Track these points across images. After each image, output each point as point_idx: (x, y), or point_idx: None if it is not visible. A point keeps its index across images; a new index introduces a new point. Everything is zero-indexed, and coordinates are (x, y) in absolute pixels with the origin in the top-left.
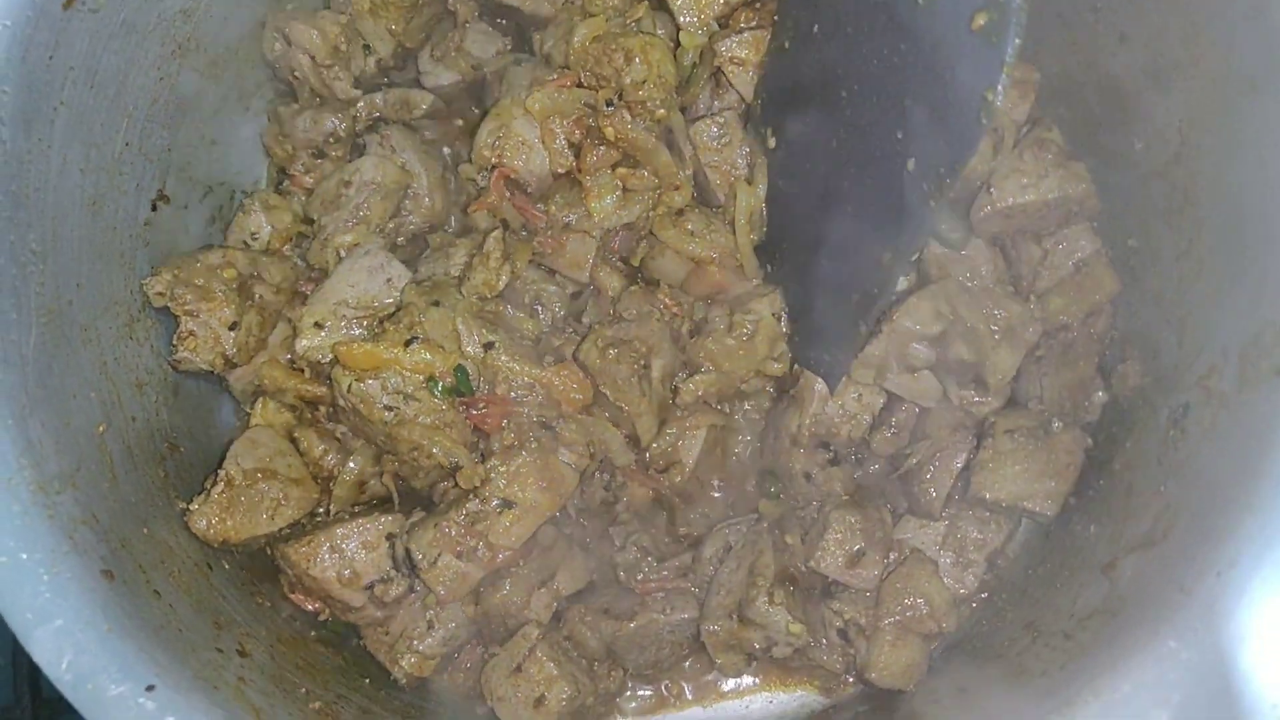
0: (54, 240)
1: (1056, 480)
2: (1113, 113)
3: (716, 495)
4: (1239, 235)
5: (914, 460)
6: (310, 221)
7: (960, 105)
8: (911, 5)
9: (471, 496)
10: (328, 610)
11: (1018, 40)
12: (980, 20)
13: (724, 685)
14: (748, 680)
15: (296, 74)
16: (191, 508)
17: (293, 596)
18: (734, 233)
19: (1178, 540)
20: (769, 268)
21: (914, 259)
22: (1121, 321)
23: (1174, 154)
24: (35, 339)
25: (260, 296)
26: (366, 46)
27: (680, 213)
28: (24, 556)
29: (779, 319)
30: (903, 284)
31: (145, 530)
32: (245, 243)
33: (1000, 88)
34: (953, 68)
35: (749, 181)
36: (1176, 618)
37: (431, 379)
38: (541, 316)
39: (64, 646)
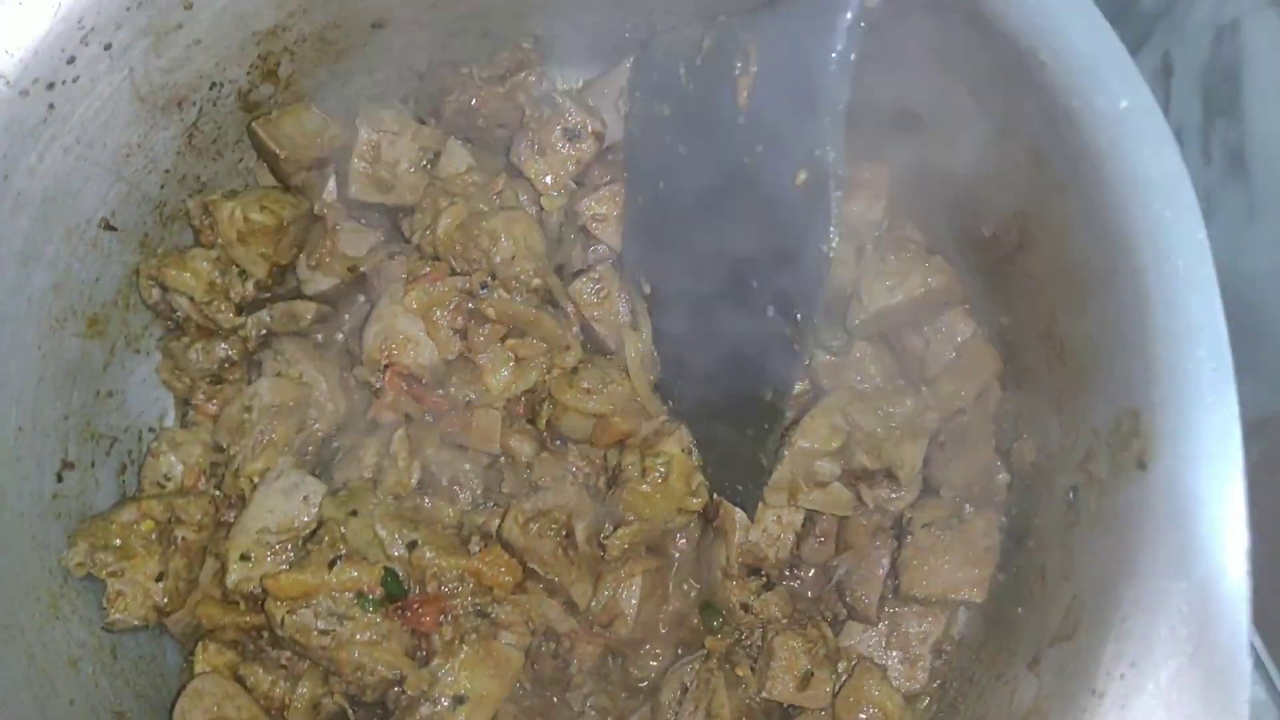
0: None
1: (979, 567)
2: (959, 203)
3: (664, 632)
4: (1086, 322)
5: (841, 570)
6: (221, 449)
7: (801, 254)
8: (740, 164)
9: (423, 700)
10: None
11: (839, 192)
12: (801, 176)
13: None
14: None
15: (178, 314)
16: None
17: None
18: (629, 379)
19: (1085, 636)
20: (670, 404)
21: (793, 394)
22: (1010, 397)
23: (1017, 241)
24: None
25: (182, 539)
26: (242, 273)
27: (575, 370)
28: None
29: (689, 453)
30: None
31: None
32: (160, 484)
33: (834, 240)
34: (785, 221)
35: (634, 328)
36: None
37: (361, 595)
38: (461, 496)
39: None
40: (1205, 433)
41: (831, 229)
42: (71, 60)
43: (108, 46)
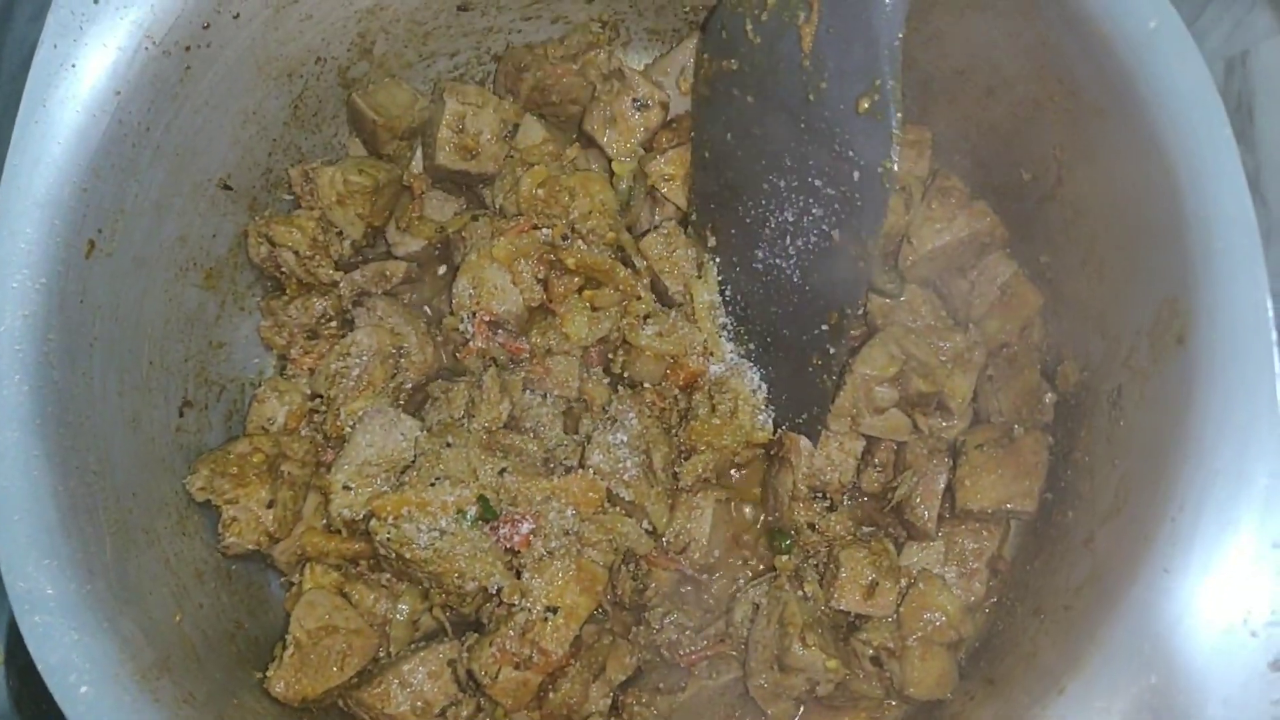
0: (107, 459)
1: (1030, 480)
2: (998, 153)
3: (733, 562)
4: (1124, 235)
5: (901, 491)
6: (318, 397)
7: (865, 177)
8: (804, 101)
9: (517, 610)
10: None
11: (899, 114)
12: (865, 104)
13: None
14: None
15: (283, 269)
16: (269, 675)
17: None
18: (697, 325)
19: (1135, 503)
20: (735, 348)
21: (859, 314)
22: (1052, 328)
23: (1056, 178)
24: (110, 548)
25: (288, 473)
26: (339, 233)
27: (646, 318)
28: None
29: (755, 391)
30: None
31: (235, 701)
32: (264, 428)
33: (895, 155)
34: (850, 147)
35: (700, 278)
36: (1146, 567)
37: (460, 512)
38: (544, 435)
39: None
40: (1239, 304)
41: (894, 146)
42: (207, 26)
43: (236, 16)
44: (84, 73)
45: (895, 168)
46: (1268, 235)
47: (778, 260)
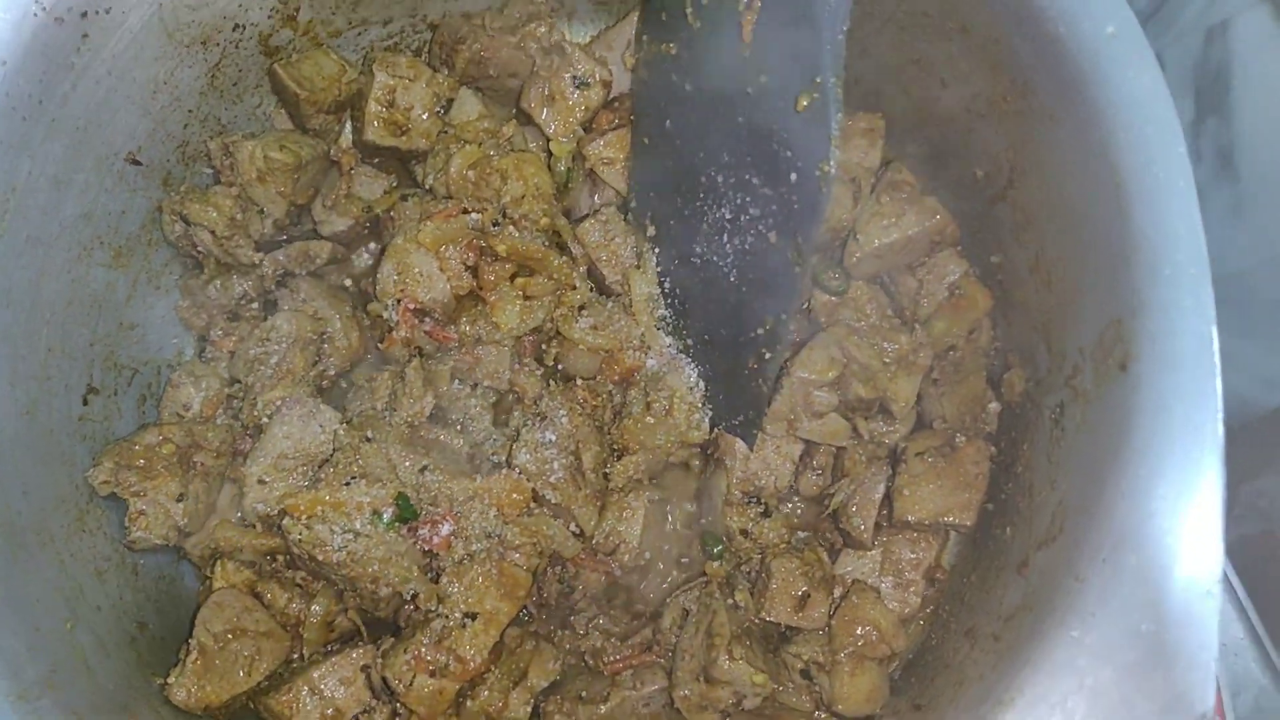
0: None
1: (969, 492)
2: (952, 147)
3: (663, 565)
4: (1071, 245)
5: (838, 498)
6: (237, 382)
7: (802, 179)
8: (743, 94)
9: (434, 616)
10: None
11: (839, 114)
12: (804, 101)
13: None
14: None
15: (200, 249)
16: (170, 681)
17: None
18: (634, 317)
19: (1070, 532)
20: (674, 342)
21: (800, 311)
22: (1000, 333)
23: (1007, 179)
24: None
25: (201, 464)
26: (260, 211)
27: (581, 309)
28: None
29: (691, 389)
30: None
31: (129, 714)
32: (179, 414)
33: (833, 159)
34: (788, 147)
35: (638, 268)
36: (1075, 606)
37: (376, 513)
38: (471, 429)
39: None
40: (1184, 331)
41: (832, 149)
42: None
43: None
44: None
45: (833, 171)
46: (1239, 208)
47: (715, 258)
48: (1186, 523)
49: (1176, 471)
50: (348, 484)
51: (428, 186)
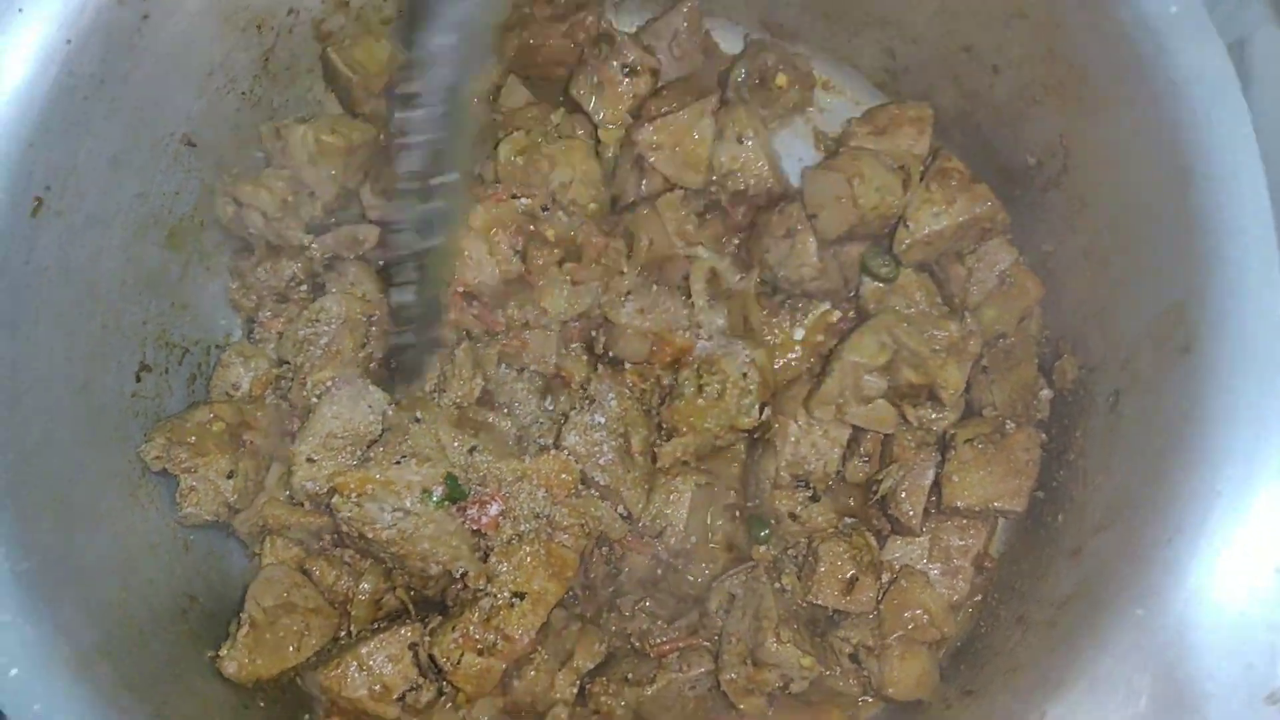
0: (51, 431)
1: (1020, 478)
2: (1003, 135)
3: (710, 549)
4: (1130, 230)
5: (887, 484)
6: (285, 363)
7: None
8: None
9: (482, 595)
10: None
11: None
12: None
13: None
14: None
15: (251, 230)
16: (221, 654)
17: None
18: (689, 300)
19: (1130, 518)
20: (724, 325)
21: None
22: (1051, 321)
23: (1061, 165)
24: (49, 526)
25: (250, 442)
26: (311, 194)
27: (627, 294)
28: None
29: (744, 375)
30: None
31: (181, 684)
32: (228, 394)
33: None
34: None
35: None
36: (1138, 587)
37: (425, 492)
38: (518, 413)
39: None
40: (1251, 317)
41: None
42: None
43: None
44: (31, 18)
45: None
46: None
47: None
48: (1254, 503)
49: (1243, 453)
50: (397, 463)
51: (476, 172)
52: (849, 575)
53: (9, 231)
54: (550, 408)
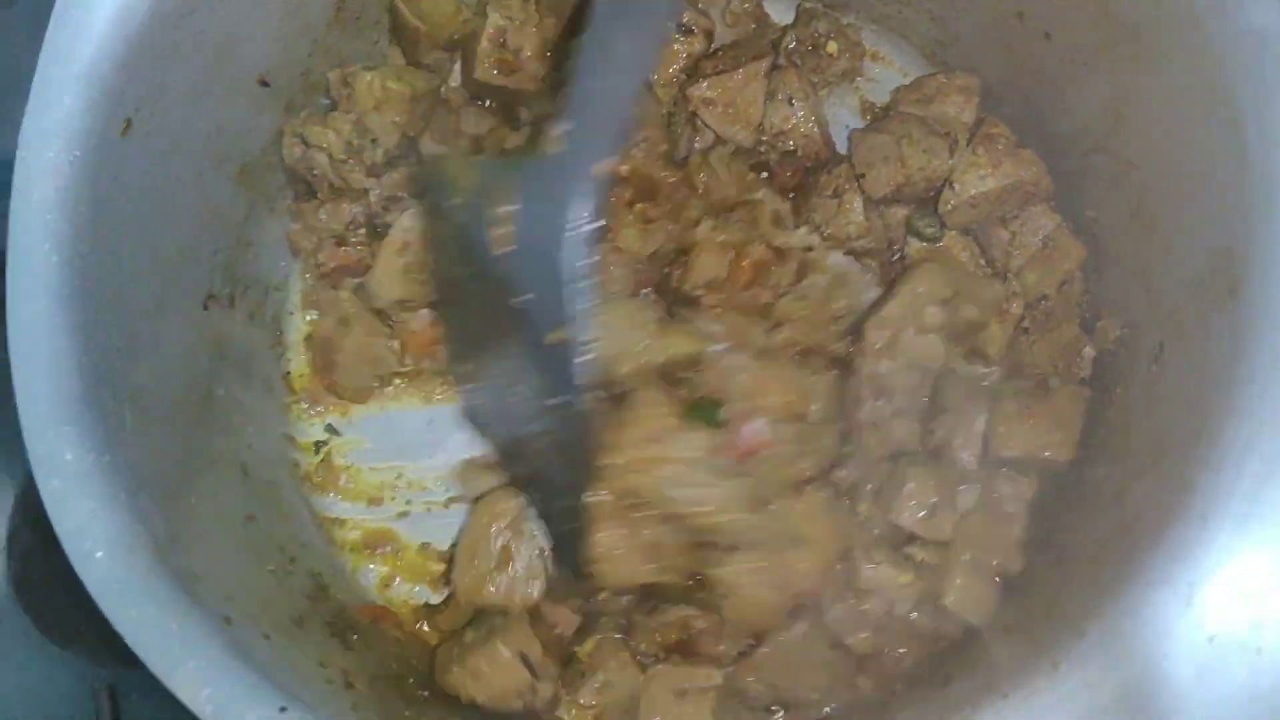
0: (132, 338)
1: (1065, 430)
2: (1050, 101)
3: None
4: (1179, 188)
5: (940, 433)
6: None
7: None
8: (509, 308)
9: None
10: None
11: (590, 356)
12: (552, 336)
13: None
14: None
15: (315, 172)
16: None
17: None
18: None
19: (1175, 455)
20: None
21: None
22: (1093, 283)
23: (1108, 128)
24: (130, 422)
25: None
26: (374, 140)
27: (697, 221)
28: (153, 610)
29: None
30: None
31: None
32: None
33: (581, 403)
34: (545, 369)
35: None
36: (1182, 516)
37: None
38: None
39: (200, 683)
40: None
41: (578, 395)
42: None
43: None
44: None
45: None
46: None
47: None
48: None
49: None
50: None
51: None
52: (932, 501)
53: (102, 147)
54: None
